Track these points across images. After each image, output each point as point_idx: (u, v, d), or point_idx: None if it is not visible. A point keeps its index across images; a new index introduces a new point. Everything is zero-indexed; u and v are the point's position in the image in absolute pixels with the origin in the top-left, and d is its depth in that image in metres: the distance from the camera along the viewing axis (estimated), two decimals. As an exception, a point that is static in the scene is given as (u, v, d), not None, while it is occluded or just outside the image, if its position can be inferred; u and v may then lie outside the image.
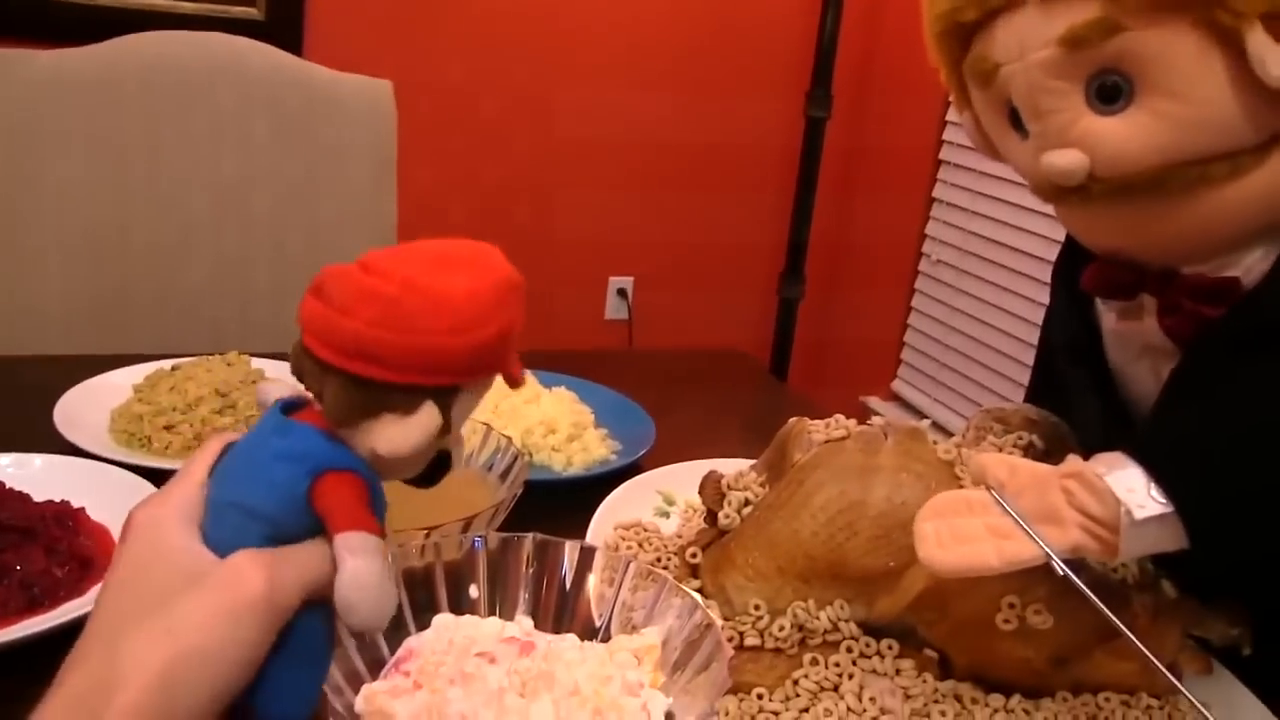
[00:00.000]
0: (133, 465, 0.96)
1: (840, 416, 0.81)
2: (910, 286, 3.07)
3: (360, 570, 0.49)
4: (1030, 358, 2.78)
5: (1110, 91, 0.63)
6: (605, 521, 0.96)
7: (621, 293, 3.10)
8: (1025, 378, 2.79)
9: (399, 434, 0.51)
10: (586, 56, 2.90)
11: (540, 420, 1.10)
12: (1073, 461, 0.64)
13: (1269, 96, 0.61)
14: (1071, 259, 0.82)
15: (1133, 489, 0.62)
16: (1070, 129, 0.65)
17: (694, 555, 0.82)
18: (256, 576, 0.48)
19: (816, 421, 0.81)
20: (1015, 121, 0.70)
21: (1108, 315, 0.80)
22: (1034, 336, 2.68)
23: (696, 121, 3.03)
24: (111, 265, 1.55)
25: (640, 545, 0.91)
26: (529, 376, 1.22)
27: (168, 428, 1.06)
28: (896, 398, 3.14)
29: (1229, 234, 0.66)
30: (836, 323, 3.34)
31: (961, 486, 0.76)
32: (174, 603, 0.47)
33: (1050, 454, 0.82)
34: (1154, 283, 0.72)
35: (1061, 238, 0.87)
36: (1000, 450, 0.80)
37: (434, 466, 0.55)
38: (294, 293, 0.51)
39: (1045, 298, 2.76)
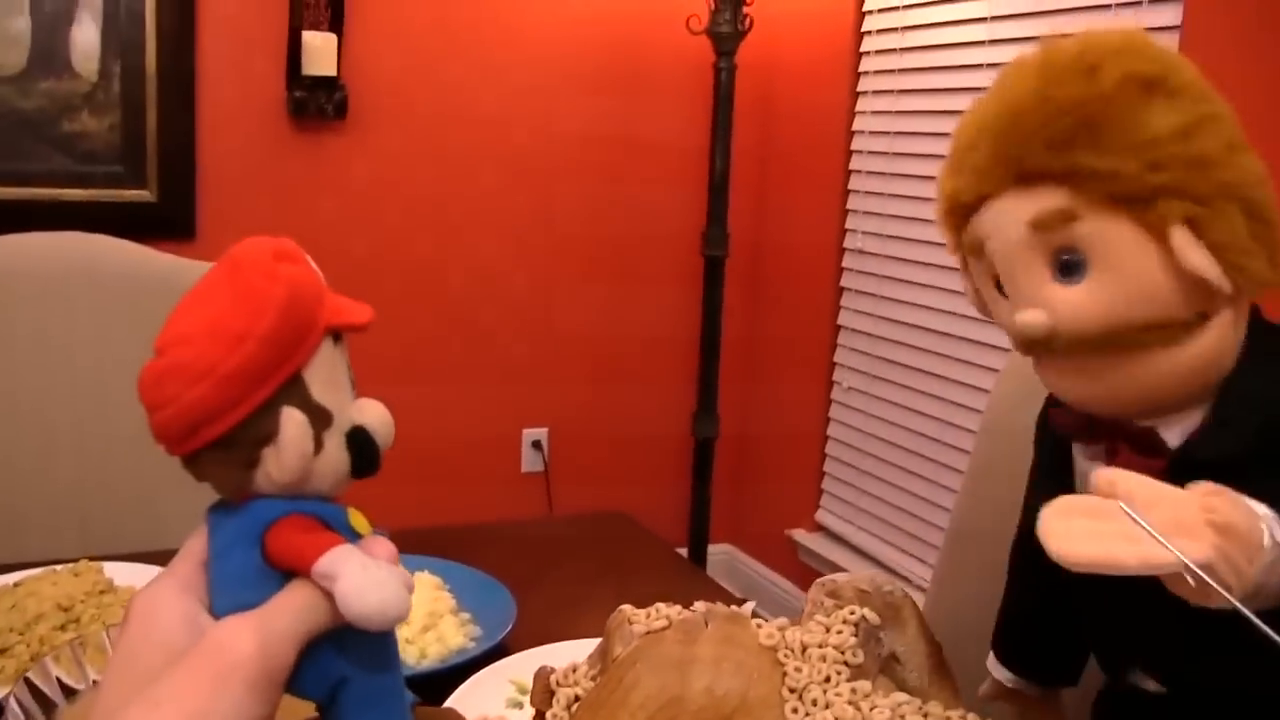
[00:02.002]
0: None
1: (661, 605, 0.79)
2: (824, 415, 3.08)
3: (349, 590, 0.48)
4: (943, 476, 2.78)
5: (1069, 267, 0.77)
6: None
7: (536, 445, 3.08)
8: (941, 497, 2.80)
9: (276, 460, 0.50)
10: (491, 219, 2.93)
11: (393, 614, 1.07)
12: (1212, 484, 0.67)
13: (1194, 280, 0.74)
14: (1046, 431, 0.92)
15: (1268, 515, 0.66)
16: (1038, 294, 0.78)
17: (524, 760, 0.79)
18: (244, 640, 0.47)
19: (639, 611, 0.79)
20: (1000, 287, 0.82)
21: (1079, 461, 0.87)
22: (945, 455, 2.71)
23: (596, 263, 3.07)
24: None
25: (482, 746, 0.88)
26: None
27: (1, 652, 1.02)
28: (821, 528, 3.12)
29: (1164, 395, 0.78)
30: (755, 460, 3.34)
31: (784, 672, 0.74)
32: (163, 675, 0.47)
33: (884, 628, 0.81)
34: (1105, 430, 0.83)
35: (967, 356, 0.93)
36: (828, 628, 0.78)
37: (357, 447, 0.53)
38: (163, 486, 0.51)
39: (952, 415, 2.77)
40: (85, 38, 2.51)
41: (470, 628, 1.12)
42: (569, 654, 0.87)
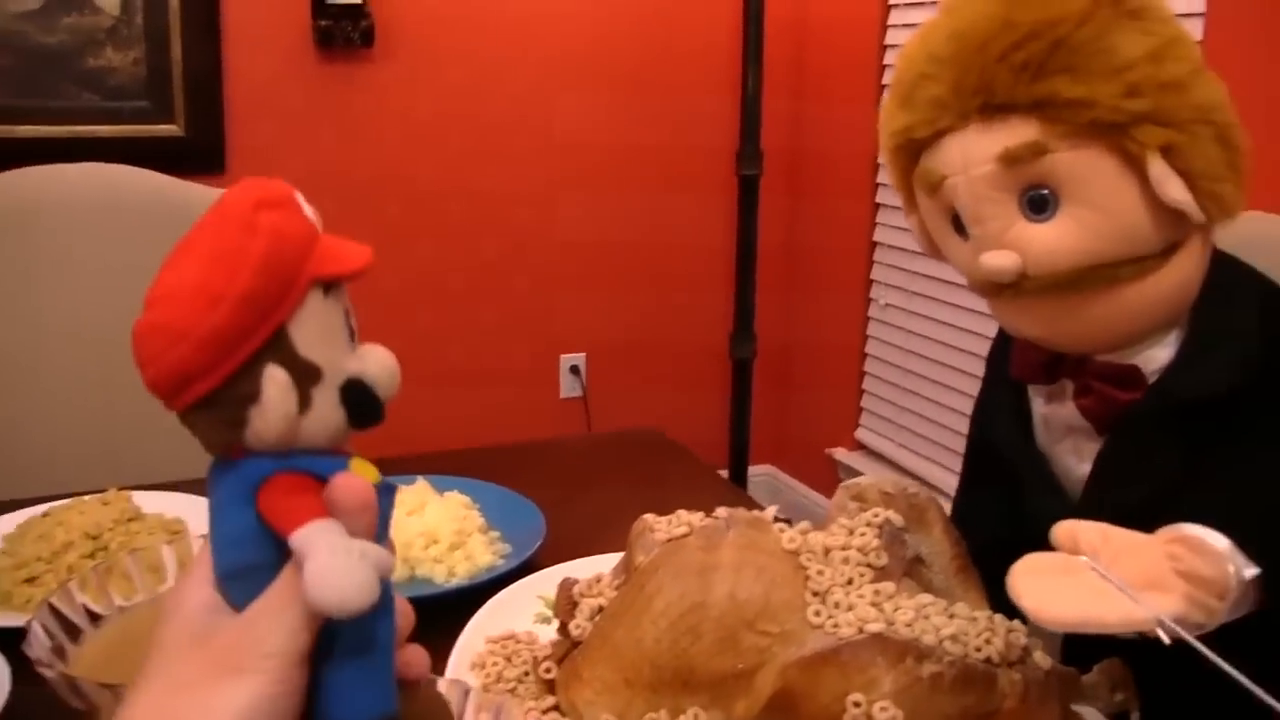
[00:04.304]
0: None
1: (683, 512, 0.78)
2: (863, 333, 3.05)
3: (311, 575, 0.46)
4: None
5: (1039, 203, 0.74)
6: (479, 633, 0.93)
7: (574, 370, 3.07)
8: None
9: (262, 420, 0.48)
10: (521, 141, 2.90)
11: (420, 532, 1.07)
12: (1172, 529, 0.67)
13: (1168, 211, 0.73)
14: (1004, 350, 0.91)
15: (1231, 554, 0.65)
16: (1006, 233, 0.76)
17: (548, 670, 0.78)
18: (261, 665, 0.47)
19: (660, 518, 0.78)
20: (957, 226, 0.80)
21: (1037, 400, 0.87)
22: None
23: (634, 198, 3.03)
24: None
25: (508, 659, 0.87)
26: (422, 483, 1.19)
27: (30, 580, 1.01)
28: (862, 446, 3.11)
29: (1135, 327, 0.78)
30: (794, 379, 3.31)
31: (807, 575, 0.73)
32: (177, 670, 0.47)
33: (908, 529, 0.79)
34: (1070, 368, 0.82)
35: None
36: (851, 531, 0.76)
37: (353, 401, 0.51)
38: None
39: (992, 328, 2.75)
40: (105, -29, 2.49)
41: (499, 545, 1.11)
42: (598, 568, 0.86)
